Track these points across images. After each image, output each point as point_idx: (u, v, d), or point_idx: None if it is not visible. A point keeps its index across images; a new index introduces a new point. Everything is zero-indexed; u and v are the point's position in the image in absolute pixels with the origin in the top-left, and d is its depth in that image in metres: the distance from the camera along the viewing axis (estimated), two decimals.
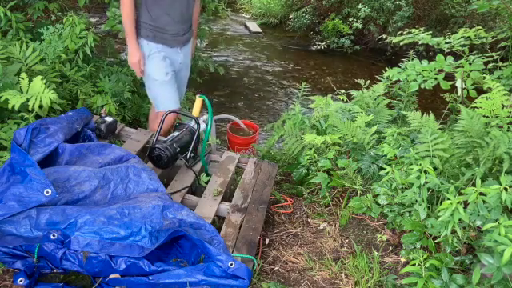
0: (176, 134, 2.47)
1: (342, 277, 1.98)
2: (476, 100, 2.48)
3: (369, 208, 2.32)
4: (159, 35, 2.67)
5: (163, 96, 2.80)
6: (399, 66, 3.05)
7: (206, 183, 2.39)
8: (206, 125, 2.66)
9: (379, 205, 2.32)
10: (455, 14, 7.28)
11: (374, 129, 2.64)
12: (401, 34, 3.29)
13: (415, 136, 2.56)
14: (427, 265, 1.75)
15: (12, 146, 2.01)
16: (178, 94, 2.94)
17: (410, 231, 2.06)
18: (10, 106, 2.32)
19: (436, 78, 2.82)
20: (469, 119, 2.39)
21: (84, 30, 3.26)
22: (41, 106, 2.43)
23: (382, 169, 2.29)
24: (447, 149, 2.29)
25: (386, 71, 3.17)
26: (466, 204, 1.83)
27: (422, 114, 2.61)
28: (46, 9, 3.82)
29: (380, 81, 3.42)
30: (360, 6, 7.72)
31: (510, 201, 1.66)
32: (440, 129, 2.50)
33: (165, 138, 2.43)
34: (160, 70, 2.73)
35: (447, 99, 3.44)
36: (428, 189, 2.09)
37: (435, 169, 2.19)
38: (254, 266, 1.91)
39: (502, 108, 2.37)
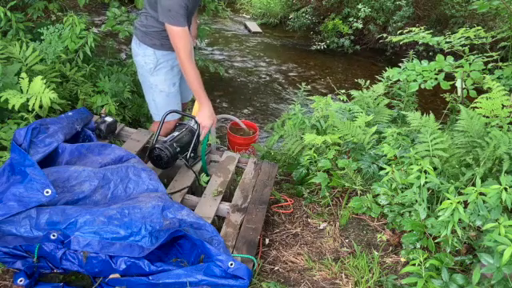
0: (176, 133, 2.47)
1: (342, 277, 1.98)
2: (476, 100, 2.48)
3: (369, 208, 2.33)
4: (166, 42, 2.56)
5: (167, 107, 2.68)
6: (399, 66, 3.05)
7: (206, 183, 2.39)
8: None
9: (379, 205, 2.32)
10: (455, 14, 7.29)
11: (374, 129, 2.64)
12: (401, 34, 3.30)
13: (415, 136, 2.56)
14: (427, 265, 1.75)
15: (12, 146, 2.01)
16: (182, 101, 2.90)
17: (410, 231, 2.07)
18: (10, 106, 2.32)
19: (436, 78, 2.82)
20: (469, 119, 2.39)
21: (84, 30, 3.26)
22: (41, 106, 2.43)
23: (381, 169, 2.29)
24: (447, 149, 2.29)
25: (386, 71, 3.17)
26: (466, 204, 1.84)
27: (422, 114, 2.61)
28: (46, 9, 3.83)
29: (380, 81, 3.42)
30: (360, 6, 7.72)
31: (510, 201, 1.67)
32: (440, 129, 2.50)
33: (165, 138, 2.43)
34: (168, 81, 2.66)
35: (447, 99, 3.45)
36: (428, 189, 2.09)
37: (435, 169, 2.20)
38: (253, 265, 1.91)
39: (502, 108, 2.37)
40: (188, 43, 2.35)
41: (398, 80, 3.20)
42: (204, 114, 2.49)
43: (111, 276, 1.74)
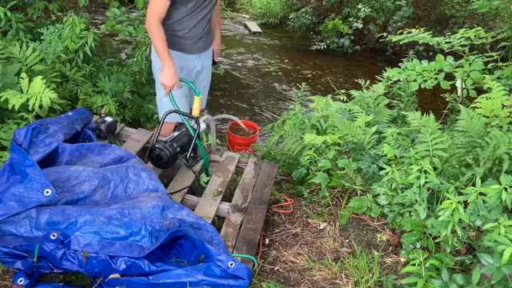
0: (176, 134, 2.47)
1: (342, 277, 1.98)
2: (476, 100, 2.48)
3: (369, 208, 2.33)
4: (177, 40, 2.55)
5: (169, 107, 2.60)
6: (399, 66, 3.05)
7: (206, 183, 2.39)
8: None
9: (379, 205, 2.32)
10: (455, 14, 7.28)
11: (374, 129, 2.64)
12: (401, 34, 3.29)
13: (415, 136, 2.56)
14: (427, 265, 1.75)
15: (12, 146, 2.01)
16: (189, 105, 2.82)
17: (410, 231, 2.07)
18: (10, 106, 2.32)
19: (436, 78, 2.82)
20: (469, 119, 2.39)
21: (84, 30, 3.26)
22: (41, 106, 2.43)
23: (381, 169, 2.29)
24: (447, 149, 2.29)
25: (386, 71, 3.17)
26: (466, 204, 1.84)
27: (422, 114, 2.61)
28: (46, 9, 3.82)
29: (380, 81, 3.42)
30: (360, 6, 7.72)
31: (510, 201, 1.67)
32: (440, 129, 2.50)
33: (165, 138, 2.43)
34: None
35: (447, 99, 3.44)
36: (428, 189, 2.09)
37: (435, 169, 2.19)
38: (253, 265, 1.91)
39: (502, 108, 2.37)
40: (160, 10, 2.36)
41: (398, 80, 3.20)
42: (165, 74, 2.43)
43: (111, 276, 1.74)
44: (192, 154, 2.46)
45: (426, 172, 1.99)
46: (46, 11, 3.89)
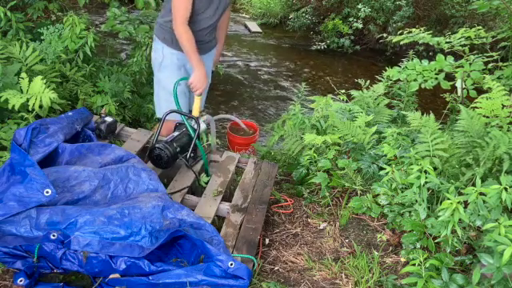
0: (176, 133, 2.47)
1: (342, 277, 1.98)
2: (476, 100, 2.48)
3: (369, 208, 2.33)
4: (176, 38, 2.52)
5: (167, 105, 2.67)
6: (399, 66, 3.05)
7: (206, 183, 2.39)
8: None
9: (379, 205, 2.32)
10: (455, 14, 7.28)
11: (374, 129, 2.64)
12: (401, 34, 3.29)
13: (415, 136, 2.56)
14: (427, 265, 1.75)
15: (12, 146, 2.01)
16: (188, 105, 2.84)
17: (410, 231, 2.07)
18: (10, 106, 2.32)
19: (436, 78, 2.82)
20: (469, 119, 2.39)
21: (84, 30, 3.26)
22: (41, 106, 2.43)
23: (381, 169, 2.29)
24: (447, 149, 2.29)
25: (386, 71, 3.17)
26: (466, 204, 1.84)
27: (422, 114, 2.61)
28: (46, 9, 3.83)
29: (380, 81, 3.42)
30: (360, 6, 7.72)
31: (510, 201, 1.67)
32: (440, 129, 2.50)
33: (165, 138, 2.43)
34: (172, 80, 2.59)
35: (447, 99, 3.44)
36: (428, 189, 2.09)
37: (435, 169, 2.19)
38: (253, 265, 1.91)
39: (502, 108, 2.37)
40: (185, 10, 2.37)
41: (398, 80, 3.20)
42: (196, 77, 2.52)
43: (111, 276, 1.74)
44: (192, 154, 2.46)
45: (426, 172, 1.99)
46: (46, 11, 3.89)
